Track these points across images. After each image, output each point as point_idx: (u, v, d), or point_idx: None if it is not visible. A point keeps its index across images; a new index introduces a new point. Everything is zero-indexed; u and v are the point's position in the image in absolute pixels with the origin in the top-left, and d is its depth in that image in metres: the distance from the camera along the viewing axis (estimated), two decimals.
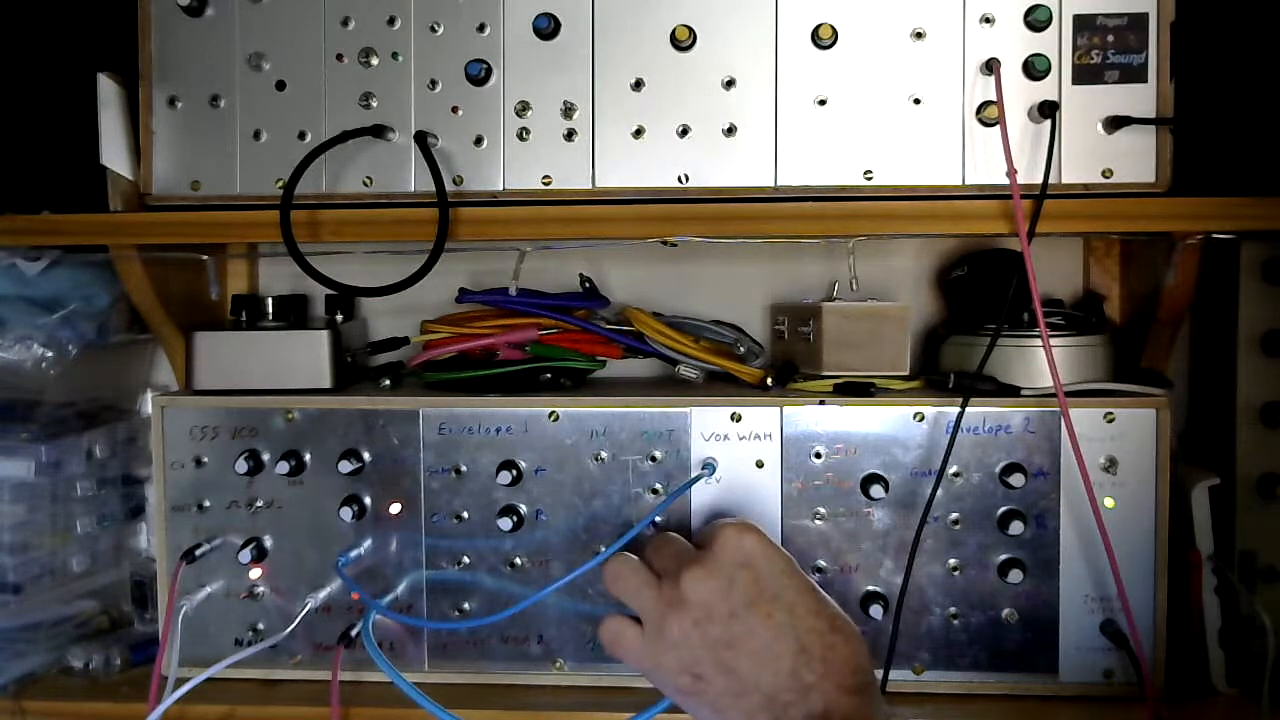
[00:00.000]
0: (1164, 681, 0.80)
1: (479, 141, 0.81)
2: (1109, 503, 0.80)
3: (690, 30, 0.79)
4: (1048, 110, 0.77)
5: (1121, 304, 0.98)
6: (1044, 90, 0.78)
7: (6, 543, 0.86)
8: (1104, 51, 0.78)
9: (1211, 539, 0.81)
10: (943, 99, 0.79)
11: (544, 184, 0.81)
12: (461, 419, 0.84)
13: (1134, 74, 0.78)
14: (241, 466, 0.83)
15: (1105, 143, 0.79)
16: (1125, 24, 0.78)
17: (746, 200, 0.79)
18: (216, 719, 0.82)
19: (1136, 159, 0.78)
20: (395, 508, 0.84)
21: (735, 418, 0.83)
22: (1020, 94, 0.78)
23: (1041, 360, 0.79)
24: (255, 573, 0.85)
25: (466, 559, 0.84)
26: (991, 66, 0.78)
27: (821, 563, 0.82)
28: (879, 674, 0.77)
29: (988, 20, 0.79)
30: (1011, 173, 0.76)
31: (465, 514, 0.84)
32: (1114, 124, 0.78)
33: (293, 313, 0.95)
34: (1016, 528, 0.80)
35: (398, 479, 0.84)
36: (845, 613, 0.67)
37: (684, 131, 0.80)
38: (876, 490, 0.80)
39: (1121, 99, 0.78)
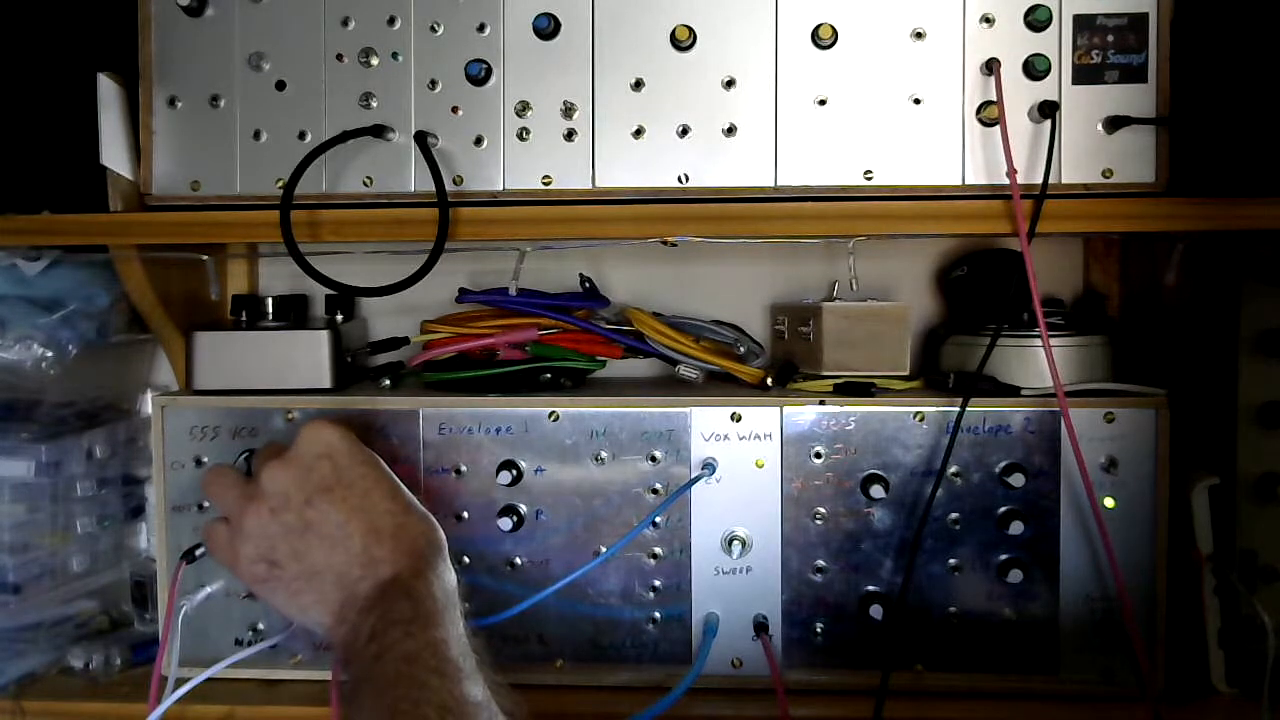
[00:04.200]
0: (1164, 681, 0.80)
1: (479, 141, 0.81)
2: (1109, 503, 0.80)
3: (690, 30, 0.79)
4: (1048, 110, 0.77)
5: (1121, 304, 0.98)
6: (1044, 90, 0.78)
7: (6, 543, 0.86)
8: (1104, 51, 0.78)
9: (1211, 539, 0.81)
10: (943, 99, 0.79)
11: (544, 184, 0.81)
12: (461, 419, 0.84)
13: (1134, 74, 0.78)
14: (241, 466, 0.83)
15: (1105, 143, 0.79)
16: (1125, 24, 0.78)
17: (746, 200, 0.79)
18: (216, 719, 0.82)
19: (1136, 159, 0.78)
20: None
21: (735, 418, 0.83)
22: (1020, 94, 0.78)
23: (1041, 360, 0.79)
24: None
25: (466, 559, 0.84)
26: (991, 66, 0.78)
27: (821, 563, 0.82)
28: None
29: (988, 20, 0.79)
30: (1011, 173, 0.76)
31: (465, 514, 0.84)
32: (1114, 124, 0.78)
33: (293, 313, 0.95)
34: (1016, 528, 0.80)
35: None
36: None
37: (684, 131, 0.80)
38: (876, 490, 0.80)
39: (1121, 99, 0.78)
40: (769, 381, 0.86)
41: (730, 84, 0.80)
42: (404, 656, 0.61)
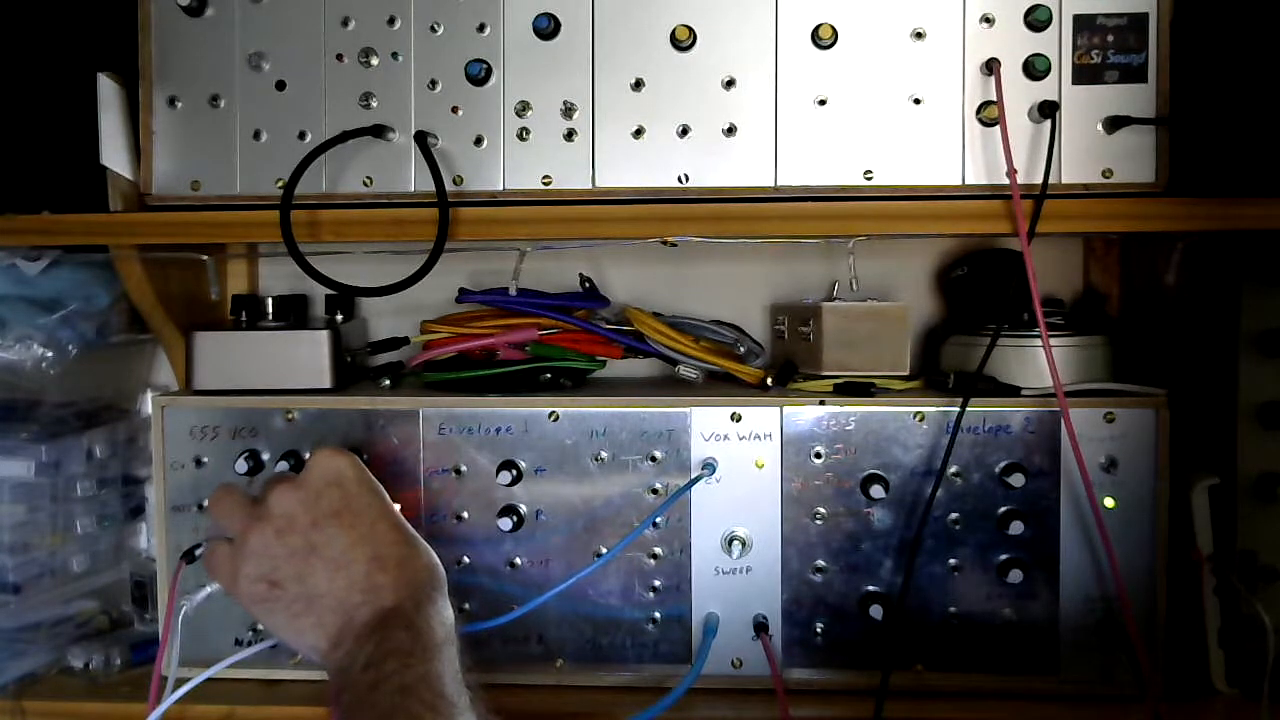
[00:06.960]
0: (1164, 681, 0.80)
1: (479, 141, 0.81)
2: (1109, 503, 0.80)
3: (690, 30, 0.79)
4: (1048, 110, 0.77)
5: (1121, 304, 0.98)
6: (1044, 90, 0.78)
7: (6, 543, 0.86)
8: (1104, 51, 0.78)
9: (1211, 539, 0.80)
10: (943, 99, 0.79)
11: (544, 184, 0.81)
12: (461, 419, 0.84)
13: (1134, 74, 0.78)
14: (241, 466, 0.83)
15: (1105, 143, 0.79)
16: (1125, 24, 0.78)
17: (746, 200, 0.79)
18: (216, 719, 0.82)
19: (1136, 159, 0.78)
20: (395, 508, 0.84)
21: (735, 418, 0.83)
22: (1020, 94, 0.78)
23: (1041, 360, 0.79)
24: None
25: (466, 559, 0.84)
26: (991, 66, 0.78)
27: (821, 563, 0.82)
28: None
29: (988, 20, 0.79)
30: (1011, 173, 0.76)
31: (465, 514, 0.84)
32: (1114, 124, 0.78)
33: (293, 313, 0.95)
34: (1016, 528, 0.80)
35: (398, 479, 0.84)
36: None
37: (684, 131, 0.80)
38: (876, 490, 0.80)
39: (1121, 99, 0.78)
40: (769, 381, 0.86)
41: (730, 84, 0.80)
42: (399, 688, 0.61)
